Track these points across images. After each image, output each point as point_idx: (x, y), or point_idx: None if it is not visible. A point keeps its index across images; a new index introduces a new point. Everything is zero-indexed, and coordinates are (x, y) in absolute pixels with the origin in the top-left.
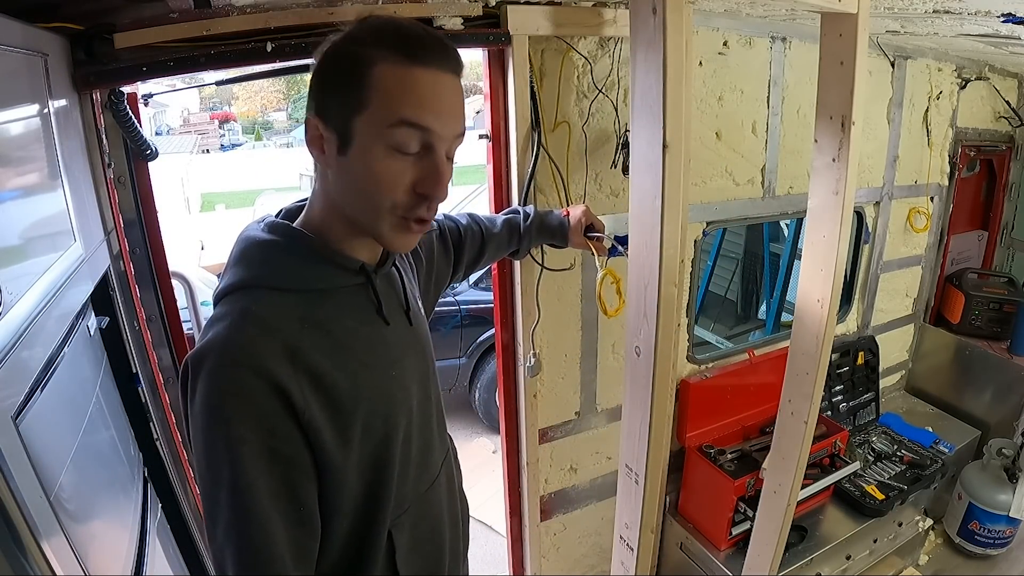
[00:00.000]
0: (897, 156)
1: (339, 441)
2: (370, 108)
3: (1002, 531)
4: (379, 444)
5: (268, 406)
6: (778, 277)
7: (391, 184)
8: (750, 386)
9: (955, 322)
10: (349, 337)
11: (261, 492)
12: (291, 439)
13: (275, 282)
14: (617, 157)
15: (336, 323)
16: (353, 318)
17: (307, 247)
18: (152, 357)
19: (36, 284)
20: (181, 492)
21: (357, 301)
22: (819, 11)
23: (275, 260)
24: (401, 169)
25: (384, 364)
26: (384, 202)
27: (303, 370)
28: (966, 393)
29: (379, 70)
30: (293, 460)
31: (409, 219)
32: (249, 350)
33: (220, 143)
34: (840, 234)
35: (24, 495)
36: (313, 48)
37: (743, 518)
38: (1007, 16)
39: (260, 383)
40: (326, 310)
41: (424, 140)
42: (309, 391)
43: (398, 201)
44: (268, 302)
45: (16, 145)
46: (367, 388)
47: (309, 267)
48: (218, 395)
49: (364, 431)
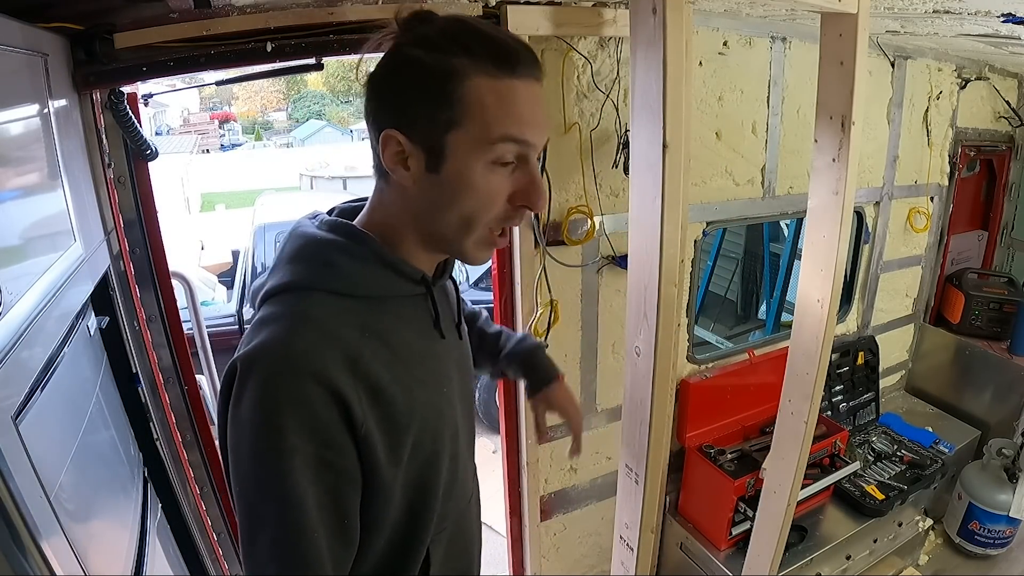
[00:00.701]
0: (897, 156)
1: (391, 458)
2: (466, 124)
3: (1002, 531)
4: (425, 462)
5: (326, 416)
6: (778, 277)
7: (491, 199)
8: (750, 386)
9: (955, 322)
10: (406, 350)
11: (311, 507)
12: (345, 452)
13: (334, 285)
14: (617, 157)
15: (394, 334)
16: (410, 330)
17: (371, 251)
18: (152, 357)
19: (36, 284)
20: (181, 492)
21: (415, 312)
22: (819, 11)
23: (335, 261)
24: (500, 183)
25: (437, 380)
26: (483, 217)
27: (363, 381)
28: (966, 393)
29: (474, 85)
30: (345, 473)
31: (495, 233)
32: (311, 356)
33: (220, 143)
34: (840, 234)
35: (24, 495)
36: (313, 48)
37: (743, 518)
38: (1007, 16)
39: (320, 392)
40: (385, 319)
41: (520, 152)
42: (368, 403)
43: (498, 215)
44: (327, 306)
45: (16, 145)
46: (420, 404)
47: (371, 272)
48: (272, 403)
49: (414, 449)
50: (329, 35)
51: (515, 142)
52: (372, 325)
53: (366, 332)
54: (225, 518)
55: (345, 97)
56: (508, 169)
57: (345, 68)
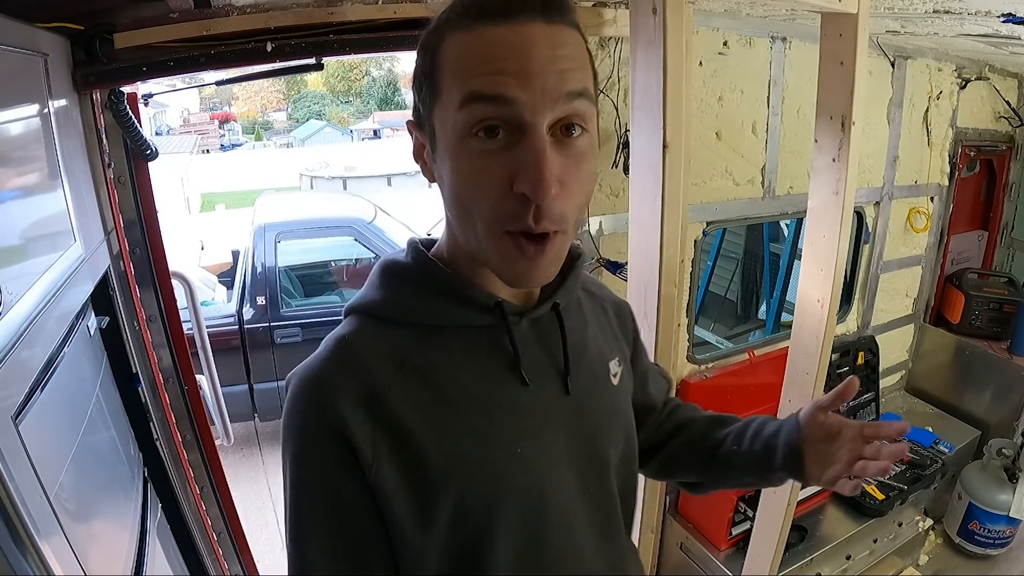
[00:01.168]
0: (897, 156)
1: (417, 518)
2: (442, 93)
3: (1002, 531)
4: (478, 535)
5: (331, 452)
6: (778, 277)
7: (478, 183)
8: (750, 386)
9: (955, 322)
10: (456, 393)
11: (315, 547)
12: (355, 496)
13: (380, 310)
14: (617, 157)
15: (443, 372)
16: (468, 370)
17: (427, 273)
18: (152, 357)
19: (36, 284)
20: (181, 492)
21: (481, 348)
22: (819, 11)
23: (387, 283)
24: (486, 161)
25: (505, 436)
26: (478, 209)
27: (382, 422)
28: (966, 393)
29: (447, 44)
30: (354, 518)
31: (516, 234)
32: (326, 385)
33: (220, 143)
34: (840, 234)
35: (24, 495)
36: (313, 48)
37: (743, 518)
38: (1007, 16)
39: (325, 426)
40: (434, 354)
41: (509, 116)
42: (383, 447)
43: (494, 208)
44: (366, 333)
45: (16, 145)
46: (466, 462)
47: (422, 296)
48: (288, 424)
49: (457, 515)
50: (329, 35)
51: (486, 100)
52: (413, 359)
53: (404, 367)
54: (225, 518)
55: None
56: (496, 142)
57: (345, 68)
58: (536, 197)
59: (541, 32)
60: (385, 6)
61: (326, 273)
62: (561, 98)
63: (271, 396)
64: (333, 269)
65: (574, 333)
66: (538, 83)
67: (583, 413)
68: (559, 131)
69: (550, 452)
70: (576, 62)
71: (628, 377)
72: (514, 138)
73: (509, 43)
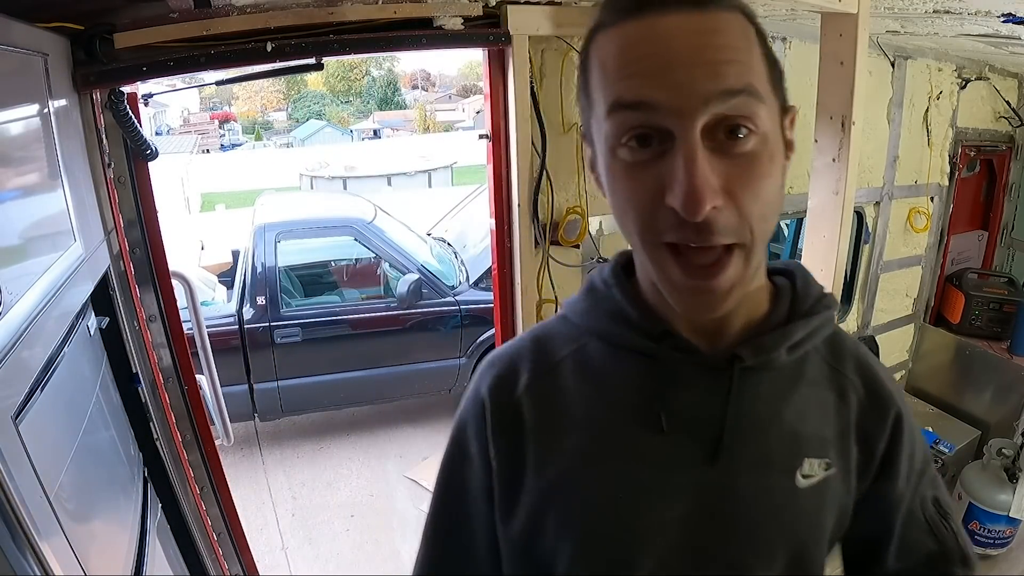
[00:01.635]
0: (897, 156)
1: (501, 505)
2: (595, 101)
3: (1002, 531)
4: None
5: (476, 424)
6: None
7: (629, 197)
8: None
9: (955, 322)
10: (581, 414)
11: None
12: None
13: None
14: None
15: (574, 393)
16: (603, 396)
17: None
18: (152, 357)
19: (36, 284)
20: (181, 492)
21: (631, 377)
22: (819, 11)
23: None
24: (638, 174)
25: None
26: (633, 226)
27: (510, 409)
28: (966, 393)
29: (593, 48)
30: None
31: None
32: (487, 387)
33: (220, 143)
34: (840, 234)
35: (24, 495)
36: (313, 48)
37: None
38: (1007, 16)
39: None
40: (565, 378)
41: (656, 123)
42: (505, 431)
43: (646, 223)
44: (534, 345)
45: (16, 145)
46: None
47: (585, 312)
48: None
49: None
50: (329, 35)
51: (628, 108)
52: (560, 369)
53: (550, 372)
54: (225, 518)
55: (345, 97)
56: (649, 151)
57: (345, 68)
58: (686, 212)
59: (685, 21)
60: (385, 6)
61: (326, 273)
62: (715, 97)
63: (271, 396)
64: (333, 269)
65: (757, 401)
66: (681, 82)
67: (728, 496)
68: (723, 134)
69: (659, 517)
70: (734, 52)
71: (840, 492)
72: (665, 146)
73: (647, 39)
